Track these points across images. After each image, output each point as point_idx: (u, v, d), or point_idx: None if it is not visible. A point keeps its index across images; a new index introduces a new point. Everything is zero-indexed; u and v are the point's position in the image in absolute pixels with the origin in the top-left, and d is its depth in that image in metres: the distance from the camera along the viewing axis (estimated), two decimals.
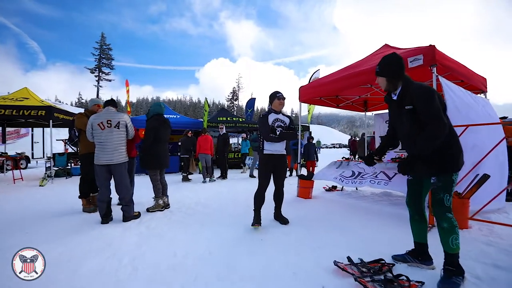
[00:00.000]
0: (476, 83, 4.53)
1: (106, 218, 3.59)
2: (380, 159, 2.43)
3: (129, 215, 3.69)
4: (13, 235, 3.09)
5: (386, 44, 5.28)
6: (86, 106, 4.52)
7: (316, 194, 5.57)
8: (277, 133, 3.34)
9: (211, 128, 10.73)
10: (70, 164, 8.97)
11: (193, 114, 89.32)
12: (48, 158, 8.38)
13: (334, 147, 57.79)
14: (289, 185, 3.78)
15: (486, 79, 4.90)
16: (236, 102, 79.33)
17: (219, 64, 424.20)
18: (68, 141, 6.89)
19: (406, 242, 2.77)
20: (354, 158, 14.50)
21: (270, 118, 3.42)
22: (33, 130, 13.66)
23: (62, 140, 10.69)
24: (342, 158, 6.08)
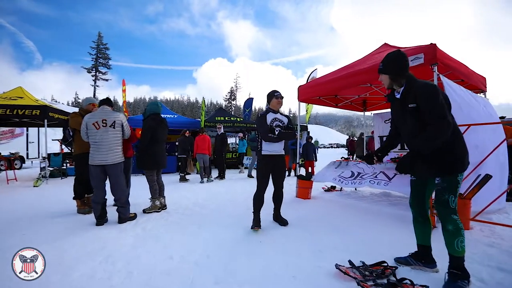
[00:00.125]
0: (476, 83, 4.50)
1: (101, 220, 3.50)
2: (380, 160, 2.36)
3: (124, 217, 3.61)
4: (3, 237, 2.99)
5: (385, 43, 5.24)
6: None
7: (315, 195, 5.51)
8: (275, 133, 3.27)
9: (209, 128, 10.65)
10: (65, 164, 8.84)
11: (190, 114, 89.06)
12: (43, 159, 8.24)
13: (332, 147, 57.92)
14: (287, 185, 3.72)
15: (485, 79, 4.88)
16: (234, 102, 79.27)
17: (217, 64, 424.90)
18: (62, 141, 6.78)
19: (406, 243, 2.75)
20: (352, 158, 14.49)
21: (269, 118, 3.35)
22: (28, 130, 13.48)
23: (58, 140, 10.55)
24: (341, 158, 6.04)
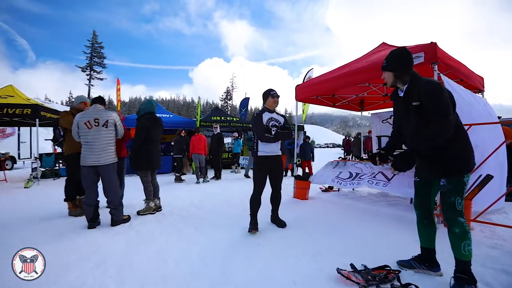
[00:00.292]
0: (474, 82, 4.48)
1: (93, 223, 3.37)
2: (382, 161, 2.25)
3: (117, 219, 3.49)
4: None
5: (383, 42, 5.20)
6: None
7: (312, 195, 5.45)
8: (272, 133, 3.18)
9: (205, 127, 10.52)
10: (58, 164, 8.64)
11: (186, 113, 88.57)
12: (35, 159, 8.04)
13: (328, 147, 58.08)
14: (284, 185, 3.65)
15: (483, 78, 4.87)
16: (230, 102, 79.07)
17: (213, 63, 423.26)
18: (52, 140, 6.59)
19: (405, 243, 2.75)
20: (350, 158, 14.49)
21: (265, 117, 3.25)
22: (19, 130, 13.19)
23: (50, 139, 10.33)
24: (339, 158, 5.99)
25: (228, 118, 11.64)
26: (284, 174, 8.99)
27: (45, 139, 10.08)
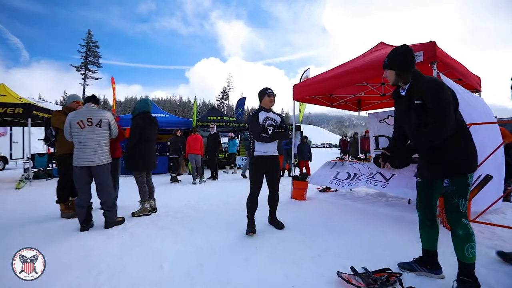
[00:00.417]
0: (472, 82, 4.47)
1: (85, 225, 3.28)
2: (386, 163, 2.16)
3: (111, 221, 3.40)
4: None
5: (381, 42, 5.17)
6: None
7: (310, 196, 5.41)
8: (269, 132, 3.12)
9: (202, 127, 10.43)
10: (51, 165, 8.48)
11: (182, 113, 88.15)
12: (27, 159, 7.87)
13: (324, 147, 58.21)
14: (281, 186, 3.60)
15: (480, 78, 4.86)
16: (226, 102, 78.92)
17: (210, 63, 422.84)
18: (44, 140, 6.46)
19: (404, 244, 2.74)
20: (348, 158, 14.49)
21: (261, 117, 3.19)
22: (11, 129, 12.95)
23: (42, 139, 10.14)
24: (336, 158, 5.96)
25: (224, 118, 11.56)
26: (281, 174, 9.03)
27: (38, 139, 9.89)
